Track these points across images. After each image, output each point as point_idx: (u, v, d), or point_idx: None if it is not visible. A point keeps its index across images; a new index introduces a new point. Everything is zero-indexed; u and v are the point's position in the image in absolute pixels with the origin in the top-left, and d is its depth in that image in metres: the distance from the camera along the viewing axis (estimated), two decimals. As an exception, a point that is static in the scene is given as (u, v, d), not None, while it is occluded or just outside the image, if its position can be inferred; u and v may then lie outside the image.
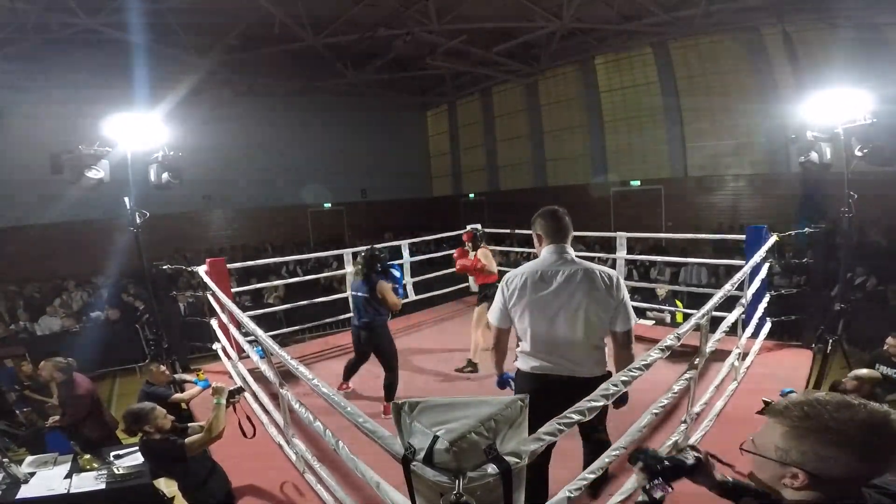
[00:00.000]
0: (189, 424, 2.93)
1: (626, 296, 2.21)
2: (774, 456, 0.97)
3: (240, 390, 2.95)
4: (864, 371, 3.30)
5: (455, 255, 4.88)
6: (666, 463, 1.34)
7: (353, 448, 2.09)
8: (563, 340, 2.16)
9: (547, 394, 2.01)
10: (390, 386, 3.79)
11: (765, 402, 2.50)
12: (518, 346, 2.33)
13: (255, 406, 3.59)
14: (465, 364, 4.55)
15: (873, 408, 0.92)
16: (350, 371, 4.13)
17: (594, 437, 2.31)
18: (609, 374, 2.16)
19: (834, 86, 4.03)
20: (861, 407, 0.92)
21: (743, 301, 3.76)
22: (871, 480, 0.96)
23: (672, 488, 1.35)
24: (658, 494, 1.34)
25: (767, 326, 4.48)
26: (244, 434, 2.88)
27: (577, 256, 2.29)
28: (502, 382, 2.50)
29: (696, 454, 1.35)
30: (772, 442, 0.99)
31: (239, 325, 3.75)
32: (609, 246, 8.82)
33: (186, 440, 2.62)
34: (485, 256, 4.64)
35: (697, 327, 2.66)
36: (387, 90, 15.44)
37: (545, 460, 2.22)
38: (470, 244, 4.74)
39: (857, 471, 0.91)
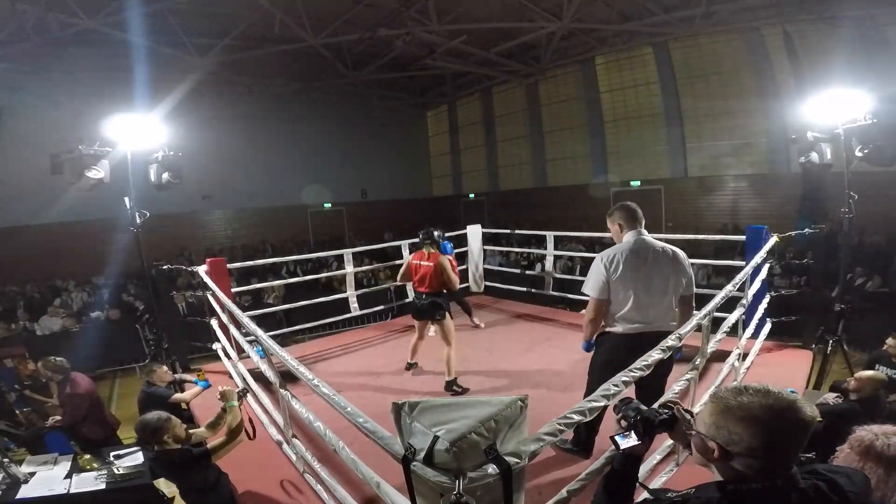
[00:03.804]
0: (192, 431, 2.90)
1: (692, 270, 2.83)
2: (703, 430, 1.12)
3: (245, 391, 2.95)
4: (868, 372, 3.27)
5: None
6: (638, 416, 1.36)
7: (354, 448, 2.10)
8: (656, 304, 2.69)
9: (637, 347, 2.47)
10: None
11: None
12: (606, 315, 2.76)
13: (255, 406, 3.59)
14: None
15: (783, 394, 1.07)
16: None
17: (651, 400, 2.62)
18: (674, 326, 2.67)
19: (834, 86, 4.02)
20: (775, 393, 1.06)
21: (744, 301, 3.76)
22: (785, 461, 1.06)
23: (640, 441, 1.37)
24: (626, 444, 1.35)
25: (768, 327, 4.48)
26: (248, 436, 2.87)
27: (654, 238, 2.80)
28: (589, 347, 2.92)
29: (668, 410, 1.38)
30: (703, 420, 1.14)
31: (239, 325, 3.75)
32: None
33: (209, 445, 2.56)
34: None
35: (699, 328, 2.66)
36: (387, 90, 15.44)
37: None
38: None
39: (758, 447, 1.03)
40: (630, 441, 1.36)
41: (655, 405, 1.46)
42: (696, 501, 1.10)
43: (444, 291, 4.27)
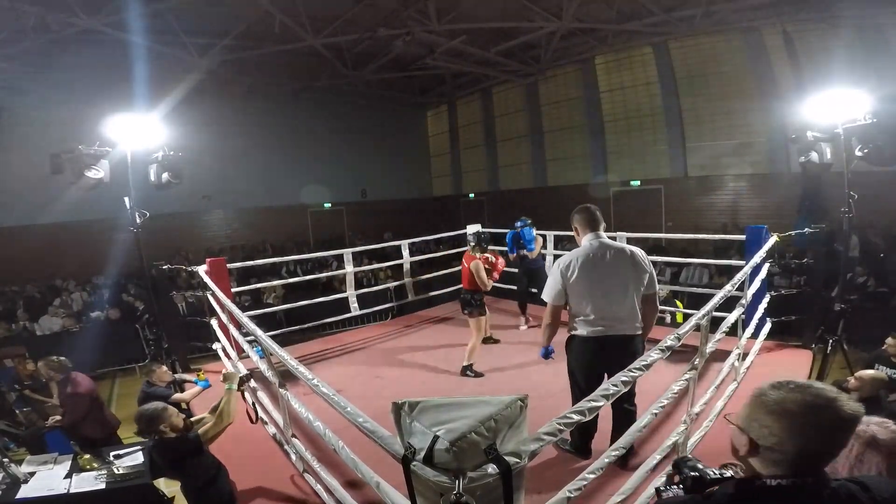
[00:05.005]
0: (198, 417, 2.92)
1: (652, 266, 2.80)
2: (740, 424, 1.10)
3: (249, 377, 2.96)
4: (869, 372, 3.27)
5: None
6: (692, 472, 1.33)
7: (354, 448, 2.10)
8: (616, 307, 2.67)
9: (603, 351, 2.65)
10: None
11: None
12: (569, 318, 2.79)
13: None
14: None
15: (823, 391, 1.02)
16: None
17: (624, 409, 2.72)
18: (641, 329, 2.75)
19: (834, 86, 4.02)
20: (815, 389, 1.02)
21: (743, 301, 3.76)
22: (817, 461, 1.03)
23: (685, 495, 1.33)
24: (667, 496, 1.35)
25: (767, 327, 4.48)
26: (251, 419, 2.90)
27: (609, 239, 2.79)
28: (547, 354, 2.98)
29: (727, 471, 1.33)
30: (741, 413, 1.11)
31: (239, 325, 3.76)
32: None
33: (200, 430, 2.59)
34: None
35: (698, 327, 2.66)
36: (386, 90, 15.43)
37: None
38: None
39: (789, 443, 1.00)
40: (671, 493, 1.35)
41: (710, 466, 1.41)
42: (723, 497, 1.08)
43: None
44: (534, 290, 5.65)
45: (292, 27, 9.50)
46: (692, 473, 1.33)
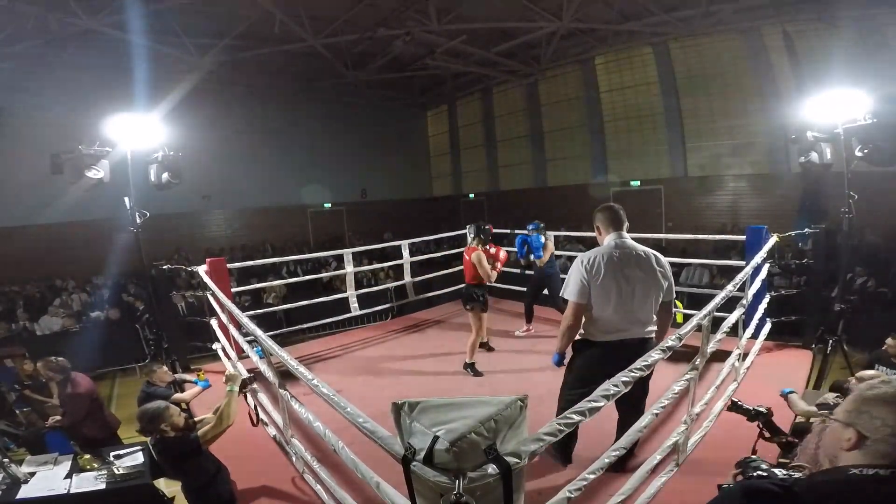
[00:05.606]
0: (201, 417, 2.93)
1: (672, 275, 2.74)
2: (842, 419, 1.06)
3: (252, 379, 2.96)
4: (870, 372, 3.26)
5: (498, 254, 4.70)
6: (756, 473, 1.32)
7: (354, 448, 2.10)
8: (637, 310, 2.59)
9: (619, 355, 2.42)
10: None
11: (732, 401, 2.56)
12: (584, 322, 2.66)
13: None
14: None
15: None
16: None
17: (633, 406, 2.55)
18: (654, 333, 2.70)
19: (834, 86, 4.03)
20: None
21: (743, 302, 3.76)
22: None
23: None
24: None
25: (768, 327, 4.48)
26: (252, 423, 2.90)
27: (632, 240, 2.71)
28: (560, 362, 2.86)
29: (787, 474, 1.30)
30: (843, 408, 1.08)
31: (239, 326, 3.76)
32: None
33: (199, 431, 2.59)
34: None
35: (699, 328, 2.66)
36: (387, 90, 15.43)
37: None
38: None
39: None
40: None
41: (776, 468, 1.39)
42: (817, 483, 1.06)
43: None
44: (546, 293, 5.56)
45: (292, 27, 9.50)
46: (759, 473, 1.31)
